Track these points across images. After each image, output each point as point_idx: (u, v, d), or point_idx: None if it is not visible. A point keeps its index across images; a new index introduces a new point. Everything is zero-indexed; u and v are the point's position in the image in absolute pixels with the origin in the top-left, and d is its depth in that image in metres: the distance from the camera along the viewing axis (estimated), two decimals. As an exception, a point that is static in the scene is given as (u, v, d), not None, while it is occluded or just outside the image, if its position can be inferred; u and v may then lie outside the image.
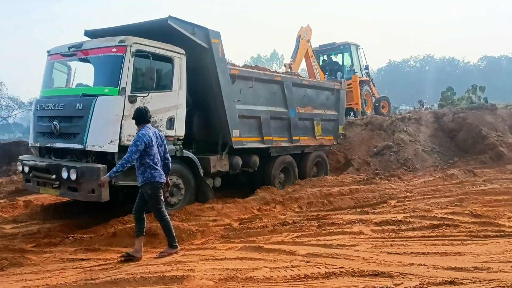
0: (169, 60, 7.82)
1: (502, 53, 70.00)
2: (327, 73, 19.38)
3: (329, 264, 4.65)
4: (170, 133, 7.76)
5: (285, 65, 14.46)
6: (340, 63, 19.57)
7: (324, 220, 7.05)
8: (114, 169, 5.39)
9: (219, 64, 8.49)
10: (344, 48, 19.22)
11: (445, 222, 6.32)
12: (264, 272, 4.48)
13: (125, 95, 6.99)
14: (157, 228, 6.39)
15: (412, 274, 4.19)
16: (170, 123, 7.76)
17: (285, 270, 4.50)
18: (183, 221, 7.22)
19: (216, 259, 5.12)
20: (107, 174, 5.53)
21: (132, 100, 7.01)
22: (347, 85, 18.13)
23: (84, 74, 8.02)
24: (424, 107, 19.44)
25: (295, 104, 10.76)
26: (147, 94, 7.11)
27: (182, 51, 8.01)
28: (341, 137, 12.79)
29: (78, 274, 4.88)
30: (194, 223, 7.19)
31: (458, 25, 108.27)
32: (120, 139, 6.90)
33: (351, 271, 4.34)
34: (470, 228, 6.04)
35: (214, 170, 8.84)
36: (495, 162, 12.91)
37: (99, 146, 6.92)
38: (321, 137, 11.71)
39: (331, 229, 6.44)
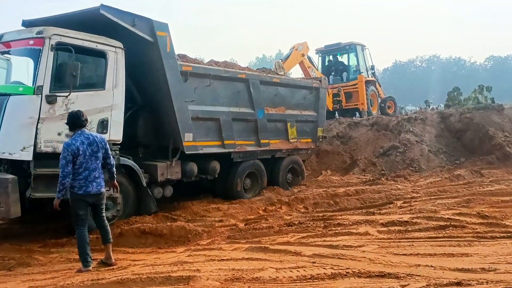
0: (101, 54, 6.89)
1: (509, 53, 69.74)
2: (333, 73, 19.35)
3: (335, 265, 4.63)
4: None
5: (275, 64, 13.81)
6: (346, 63, 19.53)
7: (330, 221, 7.03)
8: (57, 188, 5.01)
9: (167, 60, 7.60)
10: (350, 48, 19.15)
11: (451, 223, 6.29)
12: (270, 272, 4.48)
13: (41, 94, 6.13)
14: (163, 229, 6.44)
15: (419, 275, 4.17)
16: (102, 126, 6.78)
17: (291, 271, 4.49)
18: (189, 222, 7.25)
19: (222, 259, 5.12)
20: (56, 195, 5.07)
21: (50, 100, 6.16)
22: (353, 85, 18.23)
23: (16, 68, 7.18)
24: (431, 107, 19.33)
25: (263, 104, 9.79)
26: (68, 93, 6.22)
27: (119, 44, 7.08)
28: (320, 140, 11.73)
29: (85, 274, 4.90)
30: (200, 223, 7.21)
31: (464, 24, 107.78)
32: (35, 145, 6.08)
33: (357, 272, 4.32)
34: (477, 229, 6.01)
35: (163, 179, 7.88)
36: (502, 163, 12.81)
37: (10, 154, 6.06)
38: (295, 140, 10.70)
39: (337, 229, 6.43)
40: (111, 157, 5.46)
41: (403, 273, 4.22)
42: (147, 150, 8.29)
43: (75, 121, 5.21)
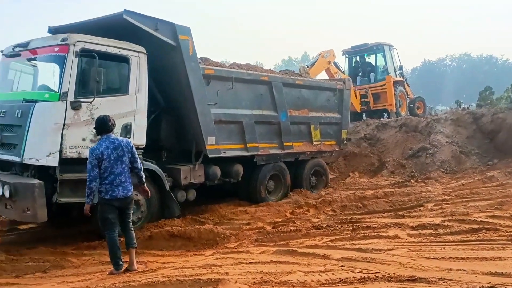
0: (124, 59, 6.95)
1: (543, 49, 67.30)
2: (360, 74, 19.18)
3: (364, 269, 4.58)
4: None
5: (301, 69, 13.61)
6: (373, 64, 19.32)
7: (359, 224, 6.97)
8: (85, 193, 5.12)
9: (189, 63, 7.59)
10: (377, 48, 18.94)
11: (484, 226, 6.15)
12: (298, 276, 4.47)
13: (66, 100, 6.23)
14: (191, 232, 6.52)
15: (451, 280, 4.09)
16: (126, 130, 6.85)
17: (319, 275, 4.47)
18: (216, 225, 7.31)
19: (250, 262, 5.14)
20: (85, 200, 5.15)
21: (75, 106, 6.27)
22: (381, 86, 18.01)
23: (43, 75, 7.20)
24: (462, 107, 18.87)
25: (286, 106, 9.71)
26: (92, 99, 6.35)
27: (142, 49, 7.15)
28: (345, 142, 11.56)
29: (116, 277, 5.01)
30: (228, 226, 7.26)
31: (496, 21, 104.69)
32: (61, 151, 6.18)
33: (387, 276, 4.26)
34: (510, 232, 5.84)
35: (186, 182, 7.89)
36: (537, 164, 12.40)
37: (37, 159, 6.20)
38: (319, 142, 10.58)
39: (366, 233, 6.37)
40: (138, 161, 5.46)
41: (435, 278, 4.15)
42: (170, 154, 8.31)
43: (103, 126, 5.27)
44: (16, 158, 6.37)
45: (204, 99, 7.88)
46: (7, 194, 6.09)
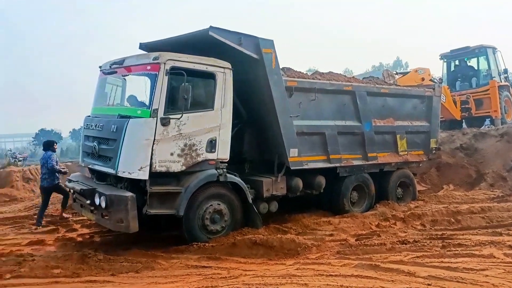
0: (210, 76, 7.11)
1: None
2: (459, 79, 18.03)
3: (453, 289, 4.33)
4: (211, 156, 7.07)
5: (384, 72, 12.81)
6: (475, 68, 18.08)
7: (450, 240, 6.55)
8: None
9: (272, 76, 7.62)
10: (479, 51, 17.65)
11: None
12: (380, 292, 4.34)
13: (157, 117, 6.50)
14: (273, 241, 6.59)
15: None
16: (211, 145, 7.03)
17: (402, 292, 4.31)
18: (299, 235, 7.31)
19: (330, 275, 5.09)
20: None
21: (164, 122, 6.53)
22: (484, 91, 16.75)
23: (136, 91, 7.59)
24: None
25: (370, 116, 9.39)
26: (180, 115, 6.57)
27: (228, 65, 7.29)
28: (434, 151, 10.91)
29: (201, 281, 5.24)
30: (310, 236, 7.22)
31: None
32: (151, 165, 6.47)
33: (478, 298, 3.99)
34: None
35: (268, 194, 7.88)
36: None
37: (129, 173, 6.53)
38: (405, 152, 10.09)
39: (457, 250, 5.98)
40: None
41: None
42: (252, 165, 8.40)
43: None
44: (111, 170, 6.79)
45: (286, 111, 7.90)
46: (103, 204, 6.51)
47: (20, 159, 23.91)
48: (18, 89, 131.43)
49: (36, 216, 9.29)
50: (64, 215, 9.52)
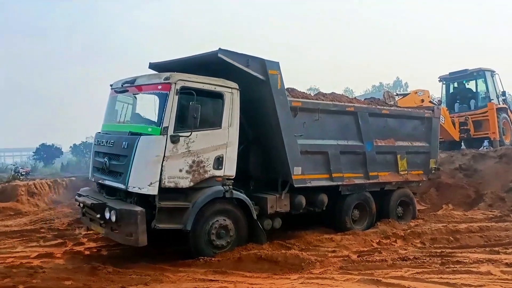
0: (219, 95, 7.39)
1: None
2: (458, 101, 18.36)
3: (451, 303, 4.52)
4: (218, 173, 7.30)
5: (384, 93, 13.03)
6: (474, 90, 18.42)
7: (449, 258, 6.74)
8: None
9: (277, 96, 7.86)
10: (478, 74, 18.01)
11: None
12: (382, 305, 4.52)
13: (167, 135, 6.75)
14: (278, 256, 6.77)
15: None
16: (218, 162, 7.29)
17: (403, 305, 4.49)
18: (302, 250, 7.47)
19: (333, 289, 5.27)
20: None
21: (174, 140, 6.78)
22: (482, 113, 17.06)
23: (146, 109, 7.76)
24: None
25: (372, 136, 9.62)
26: (189, 133, 6.84)
27: (235, 85, 7.57)
28: (433, 171, 11.11)
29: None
30: (313, 252, 7.39)
31: None
32: (160, 181, 6.68)
33: (475, 312, 4.18)
34: None
35: (272, 211, 8.10)
36: None
37: (139, 188, 6.73)
38: (406, 172, 10.31)
39: (456, 267, 6.16)
40: None
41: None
42: (257, 183, 8.59)
43: None
44: (121, 186, 7.00)
45: (291, 131, 8.12)
46: (113, 218, 6.72)
47: (22, 173, 24.02)
48: (19, 103, 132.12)
49: (42, 230, 9.45)
50: None
